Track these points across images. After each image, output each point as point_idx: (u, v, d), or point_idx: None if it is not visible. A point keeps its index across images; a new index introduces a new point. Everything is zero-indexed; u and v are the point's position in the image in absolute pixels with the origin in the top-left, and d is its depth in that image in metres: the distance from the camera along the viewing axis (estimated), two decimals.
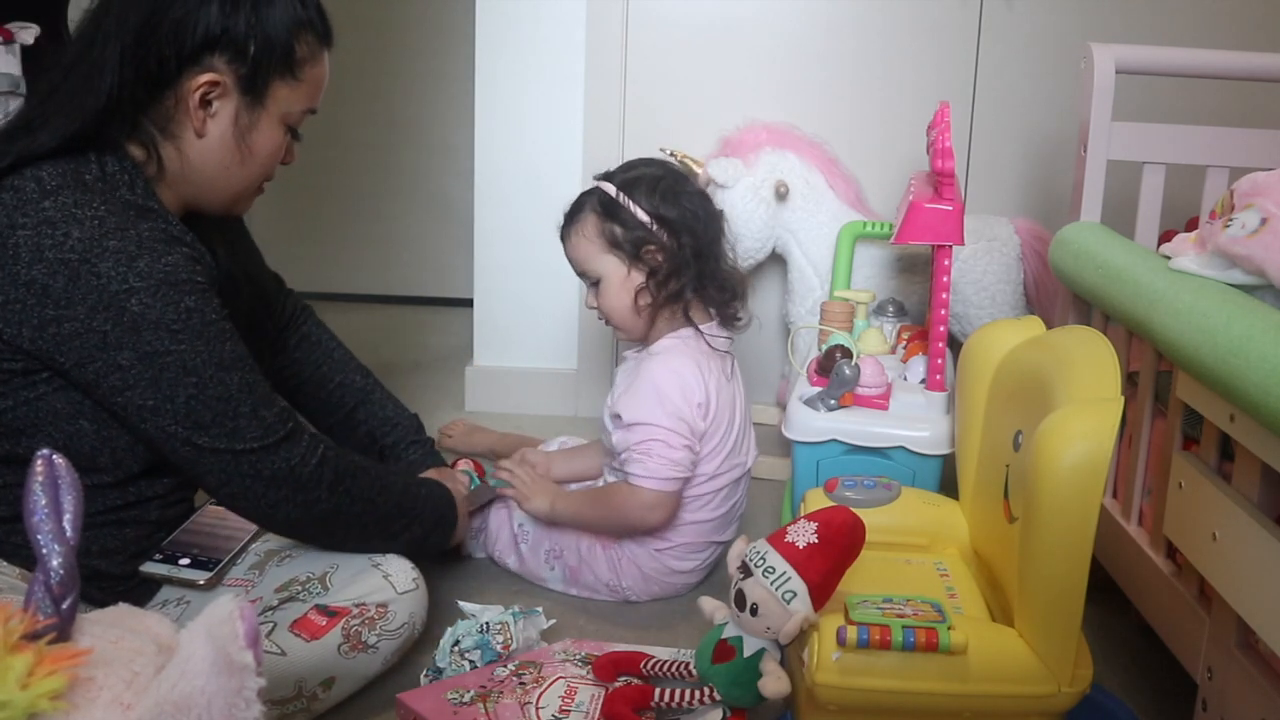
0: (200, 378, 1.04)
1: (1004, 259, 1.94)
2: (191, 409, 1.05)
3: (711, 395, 1.43)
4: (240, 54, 1.09)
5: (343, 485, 1.17)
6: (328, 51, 1.18)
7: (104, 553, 1.13)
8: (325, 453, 1.15)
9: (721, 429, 1.45)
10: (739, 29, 2.12)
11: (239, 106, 1.11)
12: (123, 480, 1.13)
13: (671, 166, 1.50)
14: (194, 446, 1.06)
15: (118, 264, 1.00)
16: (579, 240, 1.46)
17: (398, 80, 3.08)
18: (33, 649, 0.60)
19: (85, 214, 1.01)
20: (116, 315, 1.00)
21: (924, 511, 1.33)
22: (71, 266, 0.99)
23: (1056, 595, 1.01)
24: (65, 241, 1.00)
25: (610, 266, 1.44)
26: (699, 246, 1.44)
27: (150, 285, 1.01)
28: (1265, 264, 1.08)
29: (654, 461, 1.39)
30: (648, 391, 1.42)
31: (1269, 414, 0.91)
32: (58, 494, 0.66)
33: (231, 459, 1.08)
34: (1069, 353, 1.13)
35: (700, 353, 1.44)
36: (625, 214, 1.42)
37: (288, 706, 1.13)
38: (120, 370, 1.02)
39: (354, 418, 1.53)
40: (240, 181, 1.16)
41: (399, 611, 1.21)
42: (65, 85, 1.08)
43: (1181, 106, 1.90)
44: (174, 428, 1.05)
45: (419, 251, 3.21)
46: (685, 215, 1.43)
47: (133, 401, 1.04)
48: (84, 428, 1.08)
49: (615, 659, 1.21)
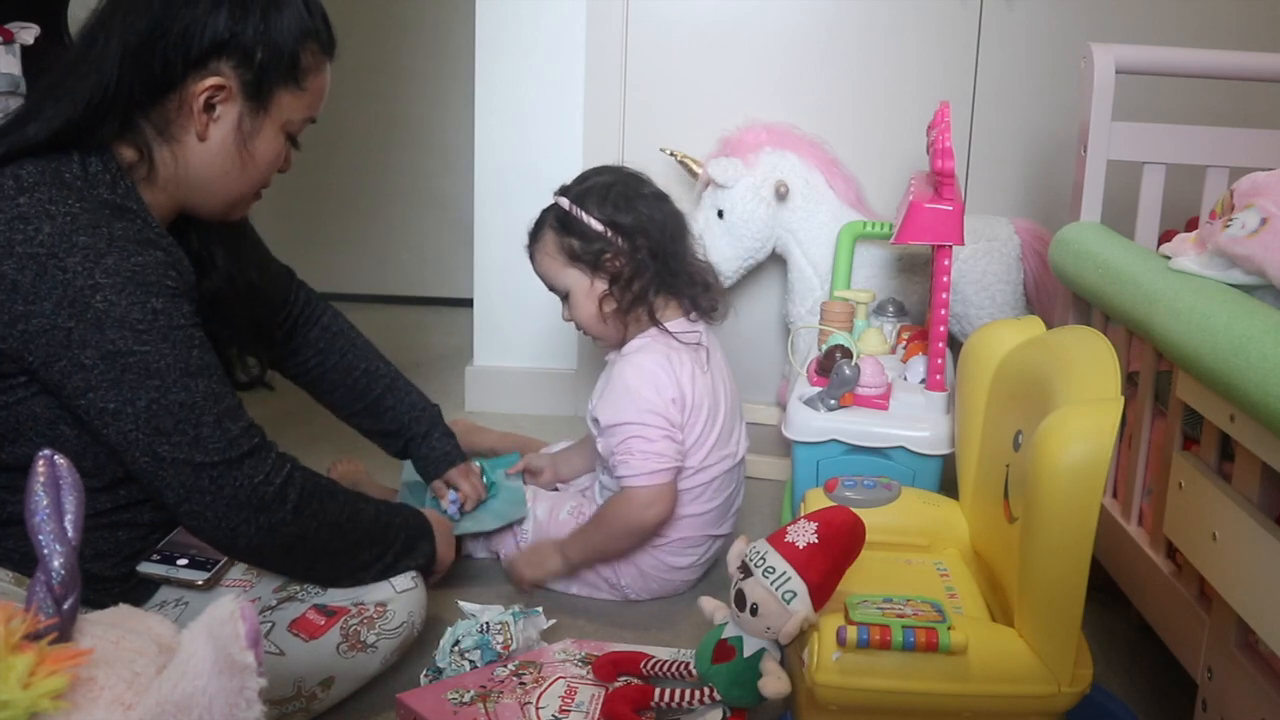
0: (163, 381, 1.02)
1: (1004, 259, 1.94)
2: (153, 414, 1.02)
3: (686, 388, 1.44)
4: (247, 60, 1.09)
5: (309, 508, 1.11)
6: (330, 62, 1.18)
7: (97, 556, 1.13)
8: (292, 472, 1.10)
9: (702, 420, 1.46)
10: (739, 29, 2.12)
11: (242, 112, 1.11)
12: (110, 484, 1.12)
13: (625, 172, 1.51)
14: (154, 456, 1.02)
15: (85, 260, 1.00)
16: (542, 258, 1.50)
17: (398, 80, 3.08)
18: (34, 649, 0.60)
19: (58, 210, 1.01)
20: (80, 311, 0.99)
21: (924, 511, 1.33)
22: (39, 261, 0.99)
23: (1056, 595, 1.01)
24: (35, 236, 0.99)
25: (574, 279, 1.47)
26: (657, 247, 1.45)
27: (116, 283, 1.00)
28: (1265, 264, 1.08)
29: (636, 459, 1.40)
30: (619, 392, 1.44)
31: (1269, 414, 0.91)
32: (59, 494, 0.66)
33: (191, 472, 1.03)
34: (1069, 353, 1.13)
35: (669, 348, 1.45)
36: (580, 226, 1.45)
37: (287, 706, 1.14)
38: (83, 370, 1.00)
39: (381, 404, 1.53)
40: (238, 187, 1.16)
41: (398, 610, 1.21)
42: (64, 81, 1.08)
43: (1181, 106, 1.90)
44: (135, 433, 1.02)
45: (419, 251, 3.21)
46: (640, 219, 1.45)
47: (94, 404, 1.01)
48: (65, 433, 1.07)
49: (615, 659, 1.21)
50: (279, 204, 2.89)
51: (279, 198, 1.50)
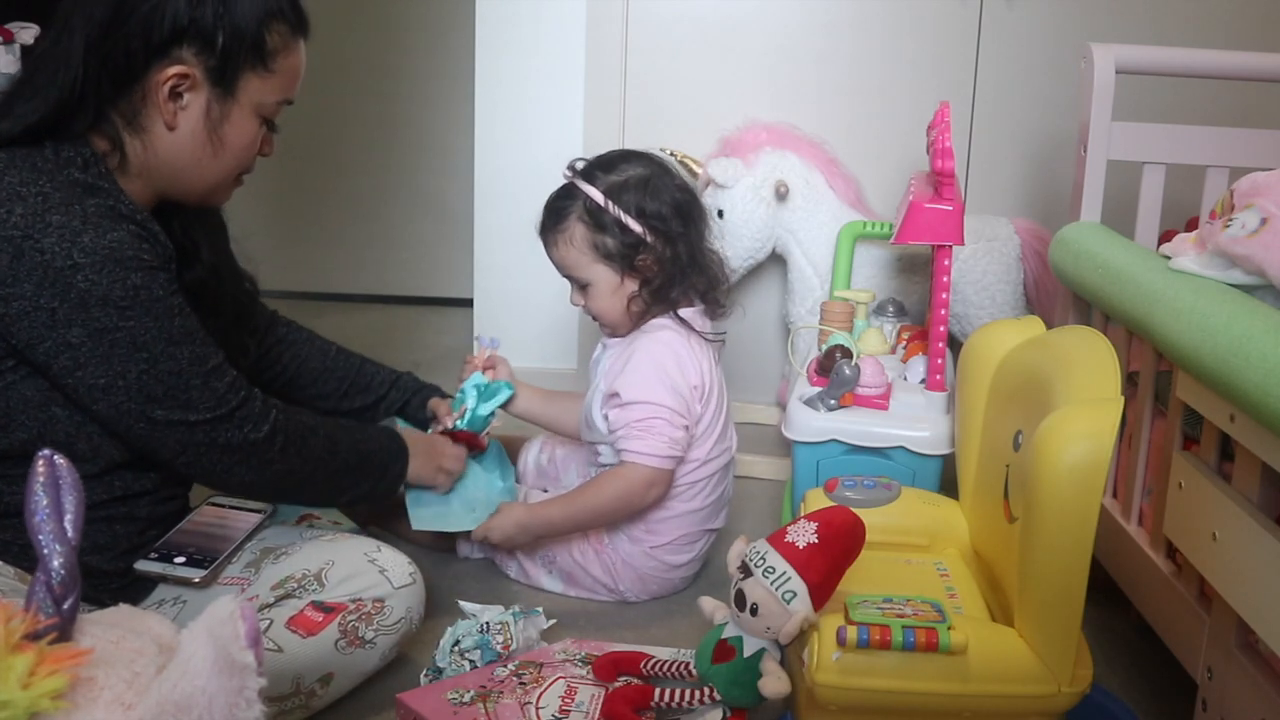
0: (151, 353, 1.05)
1: (1004, 259, 1.94)
2: (144, 384, 1.05)
3: (706, 377, 1.44)
4: (208, 46, 1.08)
5: (294, 448, 1.18)
6: (303, 41, 1.17)
7: (95, 549, 1.13)
8: (277, 419, 1.16)
9: (711, 412, 1.45)
10: (739, 29, 2.12)
11: (209, 99, 1.11)
12: (106, 470, 1.12)
13: (653, 158, 1.46)
14: (149, 421, 1.07)
15: (61, 239, 1.00)
16: (566, 248, 1.43)
17: (398, 80, 3.07)
18: (34, 649, 0.60)
19: (29, 191, 1.02)
20: (64, 292, 1.01)
21: (924, 511, 1.33)
22: (15, 243, 1.00)
23: (1056, 595, 1.01)
24: (8, 219, 1.00)
25: (601, 275, 1.43)
26: (688, 247, 1.43)
27: (95, 261, 1.01)
28: (1265, 264, 1.08)
29: (654, 438, 1.37)
30: (648, 368, 1.40)
31: (1269, 414, 0.91)
32: (59, 494, 0.67)
33: (186, 430, 1.09)
34: (1069, 353, 1.13)
35: (689, 334, 1.45)
36: (616, 224, 1.40)
37: (286, 704, 1.13)
38: (71, 349, 1.02)
39: (364, 374, 1.56)
40: (214, 174, 1.16)
41: (396, 606, 1.20)
42: (33, 78, 1.08)
43: (1181, 106, 1.90)
44: (128, 404, 1.06)
45: (419, 251, 3.21)
46: (676, 218, 1.41)
47: (84, 381, 1.04)
48: (56, 414, 1.08)
49: (615, 659, 1.21)
50: (279, 204, 2.90)
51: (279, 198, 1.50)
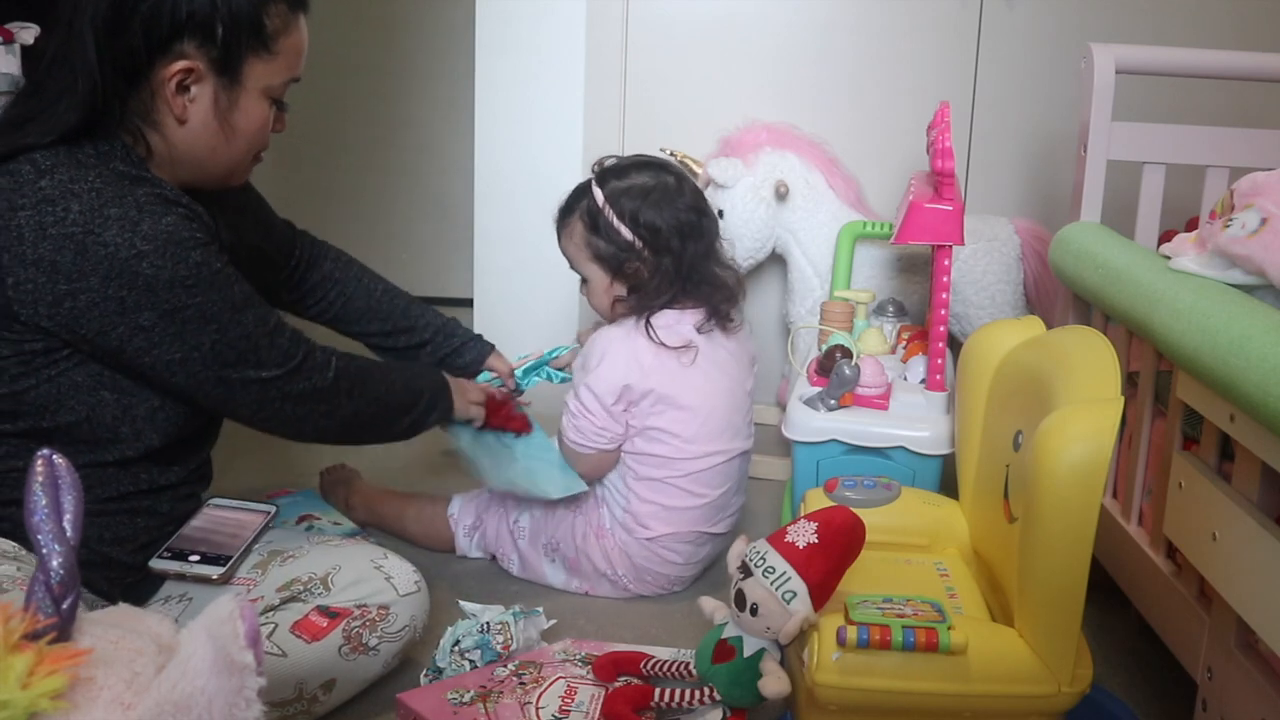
0: (220, 322, 1.10)
1: (1004, 259, 1.94)
2: (218, 351, 1.10)
3: (651, 379, 1.42)
4: (209, 37, 1.08)
5: (357, 389, 1.25)
6: (304, 16, 1.17)
7: (116, 540, 1.14)
8: (338, 364, 1.23)
9: (674, 413, 1.44)
10: (739, 29, 2.12)
11: (216, 89, 1.11)
12: (141, 456, 1.14)
13: (671, 168, 1.49)
14: (225, 384, 1.12)
15: (122, 231, 1.03)
16: (568, 242, 1.50)
17: (398, 81, 3.07)
18: (33, 649, 0.60)
19: (81, 187, 1.04)
20: (131, 280, 1.03)
21: (924, 511, 1.33)
22: (76, 240, 1.02)
23: (1056, 595, 1.01)
24: (66, 216, 1.02)
25: (594, 273, 1.48)
26: (682, 260, 1.44)
27: (157, 247, 1.04)
28: (1265, 264, 1.08)
29: (567, 423, 1.47)
30: (584, 357, 1.48)
31: (1269, 414, 0.91)
32: (58, 494, 0.66)
33: (260, 387, 1.15)
34: (1069, 353, 1.13)
35: (642, 336, 1.44)
36: (610, 229, 1.43)
37: (288, 709, 1.13)
38: (144, 331, 1.06)
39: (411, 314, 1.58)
40: (230, 158, 1.17)
41: (400, 614, 1.20)
42: (49, 85, 1.09)
43: (1181, 106, 1.90)
44: (205, 372, 1.11)
45: (419, 251, 3.21)
46: (671, 232, 1.43)
47: (160, 359, 1.08)
48: (105, 398, 1.11)
49: (615, 659, 1.21)
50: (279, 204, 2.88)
51: (279, 198, 1.50)
